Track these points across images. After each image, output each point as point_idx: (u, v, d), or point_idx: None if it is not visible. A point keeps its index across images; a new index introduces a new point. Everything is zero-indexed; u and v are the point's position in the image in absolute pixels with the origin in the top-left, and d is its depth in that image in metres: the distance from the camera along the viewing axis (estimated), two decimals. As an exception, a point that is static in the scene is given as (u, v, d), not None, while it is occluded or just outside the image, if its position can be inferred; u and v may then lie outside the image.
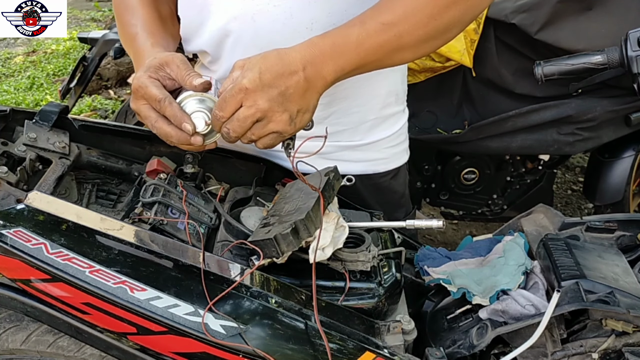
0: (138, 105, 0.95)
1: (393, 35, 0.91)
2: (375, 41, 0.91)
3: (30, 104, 3.85)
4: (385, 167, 1.27)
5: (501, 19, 1.98)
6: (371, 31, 0.90)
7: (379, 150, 1.24)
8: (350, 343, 0.92)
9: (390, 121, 1.25)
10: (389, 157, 1.27)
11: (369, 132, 1.22)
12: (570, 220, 1.18)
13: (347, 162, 1.21)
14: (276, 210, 1.01)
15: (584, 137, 2.09)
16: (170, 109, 0.92)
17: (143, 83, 0.93)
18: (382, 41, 0.91)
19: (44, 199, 0.92)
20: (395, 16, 0.91)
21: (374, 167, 1.25)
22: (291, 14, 1.06)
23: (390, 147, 1.26)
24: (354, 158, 1.23)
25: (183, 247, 0.92)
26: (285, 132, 0.91)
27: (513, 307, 1.01)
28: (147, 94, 0.93)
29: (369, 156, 1.24)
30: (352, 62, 0.92)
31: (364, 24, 0.91)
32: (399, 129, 1.27)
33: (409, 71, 2.13)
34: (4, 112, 1.07)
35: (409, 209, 1.39)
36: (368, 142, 1.23)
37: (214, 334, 0.87)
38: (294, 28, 1.06)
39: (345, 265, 0.99)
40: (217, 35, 1.13)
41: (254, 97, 0.88)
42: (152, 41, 1.07)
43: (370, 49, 0.91)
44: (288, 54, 0.90)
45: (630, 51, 1.42)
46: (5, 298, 0.95)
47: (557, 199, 3.13)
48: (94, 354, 1.00)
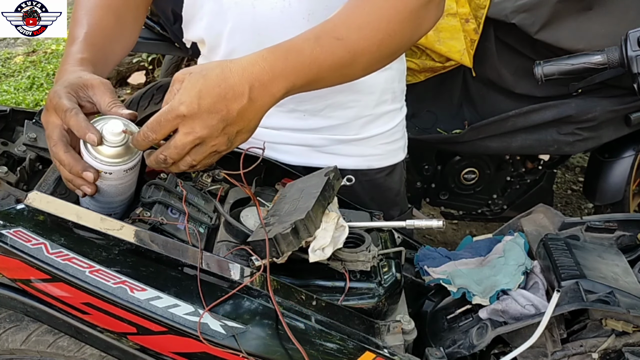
0: (46, 118, 0.89)
1: (347, 52, 0.89)
2: (329, 57, 0.88)
3: (30, 104, 3.84)
4: (380, 163, 1.26)
5: (501, 19, 1.98)
6: (326, 47, 0.87)
7: (374, 146, 1.23)
8: (350, 343, 0.92)
9: (386, 118, 1.24)
10: (384, 154, 1.26)
11: (364, 128, 1.21)
12: (570, 220, 1.18)
13: (341, 157, 1.20)
14: (276, 210, 1.01)
15: (584, 137, 2.09)
16: (75, 119, 0.85)
17: (57, 93, 0.87)
18: (336, 57, 0.88)
19: (44, 199, 0.92)
20: (350, 31, 0.88)
21: (368, 163, 1.24)
22: (290, 2, 1.05)
23: (386, 144, 1.25)
24: (348, 152, 1.22)
25: (183, 247, 0.92)
26: (223, 151, 0.87)
27: (513, 307, 1.01)
28: (57, 104, 0.87)
29: (364, 151, 1.22)
30: (304, 79, 0.87)
31: (319, 39, 0.87)
32: (394, 126, 1.26)
33: (408, 71, 2.13)
34: (4, 112, 1.07)
35: (405, 208, 1.38)
36: (362, 137, 1.21)
37: (214, 334, 0.87)
38: (291, 17, 1.05)
39: (345, 265, 0.99)
40: (215, 21, 1.11)
41: (192, 125, 0.82)
42: (86, 56, 0.98)
43: (324, 65, 0.88)
44: (232, 73, 0.82)
45: (630, 51, 1.42)
46: (5, 298, 0.95)
47: (557, 199, 3.13)
48: (94, 354, 1.00)
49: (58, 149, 0.88)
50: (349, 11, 0.90)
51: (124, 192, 0.97)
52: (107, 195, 0.95)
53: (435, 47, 2.03)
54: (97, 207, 0.97)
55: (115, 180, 0.93)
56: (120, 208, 1.00)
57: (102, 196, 0.95)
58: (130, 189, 0.98)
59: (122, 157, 0.90)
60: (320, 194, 0.98)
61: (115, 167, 0.90)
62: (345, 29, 0.88)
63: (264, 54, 0.86)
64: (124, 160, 0.90)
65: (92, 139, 0.86)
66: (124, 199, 0.99)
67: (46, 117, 0.90)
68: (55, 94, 0.88)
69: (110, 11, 1.06)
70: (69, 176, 0.90)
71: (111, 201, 0.97)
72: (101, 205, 0.97)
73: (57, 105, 0.87)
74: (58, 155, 0.89)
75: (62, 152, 0.88)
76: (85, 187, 0.90)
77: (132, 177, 0.95)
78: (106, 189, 0.94)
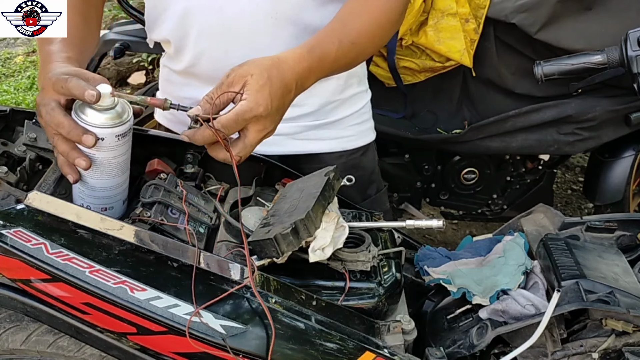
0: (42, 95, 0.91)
1: (356, 53, 1.07)
2: (345, 58, 1.04)
3: (30, 104, 3.84)
4: (354, 144, 1.33)
5: (501, 18, 1.98)
6: (345, 50, 1.02)
7: (345, 128, 1.30)
8: (350, 343, 0.92)
9: (354, 100, 1.31)
10: (355, 135, 1.33)
11: (334, 111, 1.28)
12: (570, 220, 1.19)
13: (315, 141, 1.27)
14: (276, 210, 1.01)
15: (584, 137, 2.09)
16: (75, 81, 0.88)
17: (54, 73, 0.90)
18: (350, 59, 1.06)
19: (44, 199, 0.92)
20: (361, 37, 1.05)
21: (342, 145, 1.31)
22: (257, 4, 1.09)
23: (356, 125, 1.32)
24: (322, 136, 1.28)
25: (183, 247, 0.92)
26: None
27: (513, 307, 1.01)
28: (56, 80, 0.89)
29: (336, 134, 1.29)
30: (325, 74, 1.03)
31: (341, 42, 1.01)
32: (362, 107, 1.33)
33: (408, 71, 2.14)
34: (4, 112, 1.07)
35: (380, 187, 1.44)
36: (333, 119, 1.28)
37: (214, 334, 0.87)
38: (259, 19, 1.10)
39: (345, 265, 0.99)
40: (181, 24, 1.13)
41: (264, 122, 0.91)
42: (70, 55, 1.01)
43: (341, 64, 1.05)
44: (286, 71, 0.93)
45: (630, 51, 1.41)
46: (5, 298, 0.95)
47: (557, 199, 3.13)
48: (94, 354, 1.00)
49: (56, 112, 0.89)
50: (359, 18, 1.05)
51: (116, 173, 0.96)
52: (100, 177, 0.95)
53: (435, 47, 2.03)
54: (92, 199, 0.97)
55: (108, 151, 0.93)
56: (115, 202, 0.99)
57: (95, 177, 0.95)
58: (123, 171, 0.97)
59: (112, 120, 0.91)
60: (320, 194, 0.98)
61: (107, 129, 0.91)
62: (357, 34, 1.03)
63: (304, 53, 0.97)
64: (115, 124, 0.91)
65: (91, 94, 0.86)
66: (116, 185, 0.97)
67: (42, 96, 0.91)
68: (52, 75, 0.90)
69: (77, 12, 1.09)
70: (66, 147, 0.91)
71: (104, 186, 0.96)
72: (96, 195, 0.97)
73: (54, 81, 0.89)
74: (56, 118, 0.89)
75: (62, 115, 0.89)
76: (80, 160, 0.91)
77: (123, 151, 0.95)
78: (99, 165, 0.94)
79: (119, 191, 0.99)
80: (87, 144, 0.89)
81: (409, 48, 2.09)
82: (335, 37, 1.00)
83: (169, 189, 1.02)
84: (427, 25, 2.03)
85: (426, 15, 2.04)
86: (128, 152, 0.97)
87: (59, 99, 0.91)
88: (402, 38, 2.06)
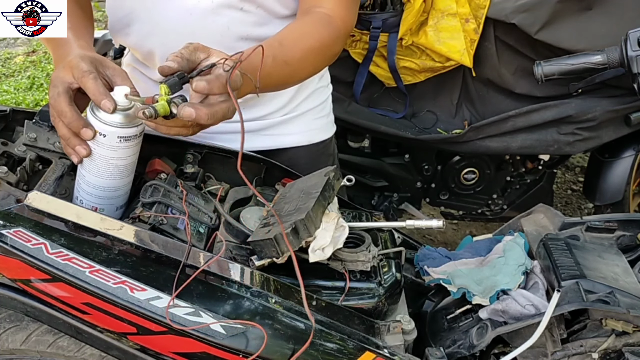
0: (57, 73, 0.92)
1: (289, 73, 1.10)
2: (279, 76, 1.08)
3: (30, 104, 3.84)
4: (318, 137, 1.38)
5: (501, 18, 1.97)
6: (278, 67, 1.05)
7: (309, 122, 1.35)
8: (350, 343, 0.92)
9: (315, 94, 1.35)
10: (319, 128, 1.38)
11: (298, 106, 1.32)
12: (570, 220, 1.19)
13: (282, 136, 1.31)
14: (276, 210, 1.01)
15: (584, 137, 2.09)
16: (93, 83, 0.90)
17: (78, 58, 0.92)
18: (283, 77, 1.10)
19: (44, 199, 0.92)
20: (293, 57, 1.08)
21: (308, 138, 1.35)
22: (228, 27, 1.15)
23: (319, 118, 1.37)
24: (289, 131, 1.32)
25: (183, 247, 0.92)
26: None
27: (513, 307, 1.01)
28: (76, 65, 0.91)
29: (301, 128, 1.33)
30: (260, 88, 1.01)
31: (275, 58, 1.04)
32: (323, 101, 1.38)
33: (408, 71, 2.14)
34: (4, 112, 1.07)
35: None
36: (297, 113, 1.32)
37: (214, 334, 0.87)
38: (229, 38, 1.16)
39: (345, 265, 0.99)
40: (146, 41, 1.19)
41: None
42: (82, 43, 1.04)
43: (274, 81, 1.08)
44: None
45: (630, 51, 1.42)
46: (5, 298, 0.95)
47: (557, 199, 3.13)
48: (94, 354, 1.00)
49: (62, 99, 0.91)
50: (295, 42, 1.09)
51: (113, 176, 0.96)
52: (96, 174, 0.95)
53: (435, 47, 2.03)
54: (85, 195, 0.97)
55: (107, 149, 0.93)
56: (108, 205, 0.99)
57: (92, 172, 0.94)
58: (121, 176, 0.97)
59: (120, 120, 0.91)
60: (320, 194, 0.98)
61: (110, 127, 0.91)
62: (292, 56, 1.08)
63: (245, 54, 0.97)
64: (120, 125, 0.91)
65: (108, 106, 0.89)
66: (111, 187, 0.97)
67: (57, 73, 0.93)
68: (75, 57, 0.92)
69: (75, 3, 1.12)
70: (67, 132, 0.92)
71: (98, 185, 0.96)
72: (88, 191, 0.97)
73: (75, 66, 0.91)
74: (60, 105, 0.91)
75: (66, 103, 0.91)
76: (81, 147, 0.92)
77: (124, 155, 0.95)
78: (95, 160, 0.93)
79: (114, 195, 0.98)
80: (85, 137, 0.91)
81: (409, 48, 2.09)
82: (271, 53, 1.02)
83: (169, 189, 1.02)
84: (427, 25, 2.03)
85: (426, 15, 2.04)
86: (130, 158, 0.96)
87: (71, 84, 0.92)
88: (402, 38, 2.06)
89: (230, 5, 1.14)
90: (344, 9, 1.16)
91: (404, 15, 2.03)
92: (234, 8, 1.14)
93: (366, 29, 2.07)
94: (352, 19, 1.19)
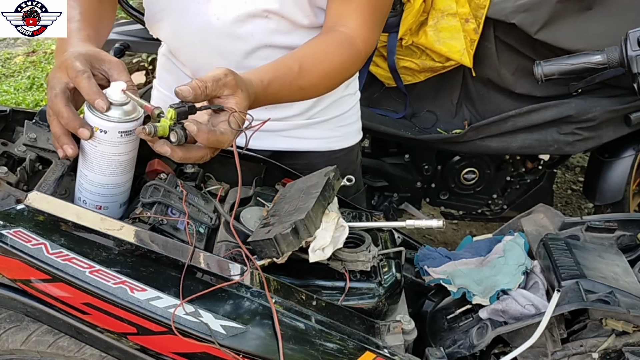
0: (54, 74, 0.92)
1: (301, 96, 1.15)
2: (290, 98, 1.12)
3: (30, 104, 3.84)
4: (339, 144, 1.36)
5: (501, 18, 1.98)
6: (293, 91, 1.09)
7: (332, 129, 1.33)
8: (350, 343, 0.92)
9: (340, 102, 1.34)
10: (342, 135, 1.36)
11: (322, 112, 1.31)
12: (570, 220, 1.18)
13: (303, 139, 1.30)
14: (276, 210, 1.01)
15: (584, 137, 2.09)
16: (87, 83, 0.89)
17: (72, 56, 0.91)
18: (294, 99, 1.14)
19: (44, 199, 0.92)
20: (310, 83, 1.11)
21: (329, 145, 1.34)
22: (252, 34, 1.16)
23: (343, 126, 1.35)
24: (310, 135, 1.31)
25: (183, 247, 0.92)
26: None
27: (513, 307, 1.01)
28: (70, 65, 0.90)
29: (323, 134, 1.32)
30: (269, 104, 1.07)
31: (292, 85, 1.07)
32: (349, 110, 1.36)
33: (408, 71, 2.14)
34: (4, 112, 1.07)
35: (360, 187, 1.46)
36: (320, 120, 1.31)
37: (214, 334, 0.87)
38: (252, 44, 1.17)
39: (345, 265, 0.99)
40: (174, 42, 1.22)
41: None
42: (89, 32, 1.03)
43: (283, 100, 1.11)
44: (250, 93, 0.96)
45: (630, 51, 1.42)
46: (5, 298, 0.94)
47: (557, 199, 3.13)
48: (94, 354, 1.00)
49: (59, 100, 0.91)
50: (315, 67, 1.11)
51: (116, 172, 0.95)
52: (99, 172, 0.94)
53: (435, 47, 2.03)
54: (88, 194, 0.97)
55: (109, 145, 0.92)
56: (112, 202, 0.99)
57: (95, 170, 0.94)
58: (123, 171, 0.97)
59: (119, 115, 0.91)
60: (320, 194, 0.98)
61: (110, 123, 0.91)
62: (308, 81, 1.10)
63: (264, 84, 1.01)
64: (120, 120, 0.91)
65: (101, 105, 0.89)
66: (114, 184, 0.97)
67: (54, 73, 0.93)
68: (70, 56, 0.91)
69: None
70: (59, 131, 0.92)
71: (101, 183, 0.96)
72: (92, 191, 0.96)
73: (69, 66, 0.91)
74: (57, 106, 0.91)
75: (63, 104, 0.91)
76: (68, 147, 0.92)
77: (126, 150, 0.94)
78: (98, 158, 0.93)
79: (117, 192, 0.99)
80: (82, 136, 0.91)
81: (409, 48, 2.09)
82: (288, 80, 1.06)
83: (169, 189, 1.02)
84: (427, 25, 2.03)
85: (426, 15, 2.05)
86: (131, 153, 0.96)
87: (67, 83, 0.92)
88: (402, 38, 2.06)
89: (255, 15, 1.14)
90: (367, 30, 1.16)
91: (404, 15, 2.03)
92: (259, 17, 1.14)
93: (366, 29, 2.06)
94: (374, 40, 1.19)
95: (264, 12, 1.14)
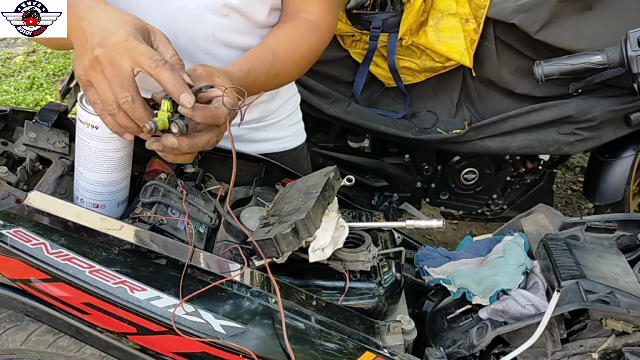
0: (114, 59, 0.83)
1: (277, 83, 1.17)
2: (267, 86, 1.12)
3: (30, 104, 3.84)
4: (292, 144, 1.40)
5: (501, 18, 1.98)
6: (269, 80, 1.11)
7: (283, 129, 1.36)
8: (350, 343, 0.92)
9: (288, 102, 1.38)
10: (292, 135, 1.40)
11: (274, 114, 1.34)
12: (570, 220, 1.18)
13: (259, 143, 1.32)
14: (276, 210, 1.02)
15: (584, 137, 2.09)
16: (170, 74, 0.84)
17: (131, 35, 0.83)
18: (269, 87, 1.15)
19: (44, 199, 0.92)
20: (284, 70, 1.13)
21: (283, 145, 1.37)
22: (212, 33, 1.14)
23: (292, 125, 1.39)
24: (264, 138, 1.33)
25: (183, 247, 0.92)
26: None
27: (513, 307, 1.01)
28: (136, 49, 0.83)
29: (276, 135, 1.35)
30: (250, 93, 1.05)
31: (268, 73, 1.09)
32: (295, 109, 1.41)
33: (408, 71, 2.14)
34: (4, 112, 1.07)
35: None
36: (273, 121, 1.34)
37: (217, 334, 0.87)
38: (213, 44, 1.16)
39: (345, 265, 0.99)
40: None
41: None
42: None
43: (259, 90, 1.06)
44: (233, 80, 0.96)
45: (630, 51, 1.42)
46: (5, 298, 0.95)
47: (557, 199, 3.13)
48: (94, 354, 1.00)
49: (137, 104, 0.85)
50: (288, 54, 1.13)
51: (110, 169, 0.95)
52: (94, 169, 0.94)
53: (435, 47, 2.03)
54: (85, 192, 0.96)
55: (101, 142, 0.92)
56: (109, 201, 0.99)
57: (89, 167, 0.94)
58: (119, 168, 0.96)
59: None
60: (320, 194, 0.98)
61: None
62: (283, 68, 1.13)
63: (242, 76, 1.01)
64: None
65: (188, 100, 0.84)
66: (110, 181, 0.96)
67: (113, 58, 0.84)
68: (129, 35, 0.84)
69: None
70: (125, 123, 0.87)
71: (97, 180, 0.95)
72: (88, 189, 0.96)
73: (134, 49, 0.84)
74: (137, 112, 0.85)
75: (143, 109, 0.86)
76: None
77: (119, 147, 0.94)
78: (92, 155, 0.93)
79: (114, 189, 0.98)
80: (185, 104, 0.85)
81: (409, 48, 2.09)
82: (265, 68, 1.08)
83: (169, 189, 1.02)
84: (427, 25, 2.03)
85: (426, 15, 2.04)
86: (125, 149, 0.96)
87: (133, 68, 0.85)
88: (402, 38, 2.06)
89: (215, 11, 1.12)
90: (329, 15, 1.20)
91: (404, 15, 2.03)
92: (219, 14, 1.13)
93: (366, 29, 2.07)
94: (335, 23, 1.24)
95: (224, 8, 1.12)
